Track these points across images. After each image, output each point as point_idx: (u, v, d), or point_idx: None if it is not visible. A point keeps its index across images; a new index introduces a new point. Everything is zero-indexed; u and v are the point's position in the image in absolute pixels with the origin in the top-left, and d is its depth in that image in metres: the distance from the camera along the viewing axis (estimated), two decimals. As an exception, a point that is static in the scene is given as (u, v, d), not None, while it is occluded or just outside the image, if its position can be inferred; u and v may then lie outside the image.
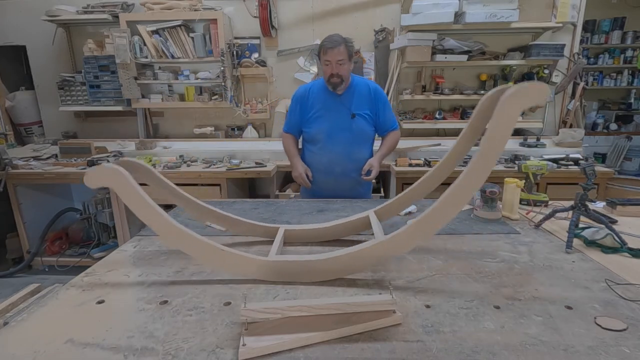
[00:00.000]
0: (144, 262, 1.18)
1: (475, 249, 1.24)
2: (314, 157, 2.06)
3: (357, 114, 1.97)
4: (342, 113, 1.97)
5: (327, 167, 2.02)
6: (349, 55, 1.86)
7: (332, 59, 1.83)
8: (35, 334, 0.81)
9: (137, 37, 3.28)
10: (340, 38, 1.85)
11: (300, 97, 2.03)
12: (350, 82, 1.97)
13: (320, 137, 2.00)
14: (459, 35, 3.19)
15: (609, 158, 4.65)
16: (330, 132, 1.98)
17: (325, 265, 1.02)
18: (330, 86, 1.92)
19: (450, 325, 0.82)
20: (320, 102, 1.99)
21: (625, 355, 0.72)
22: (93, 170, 0.98)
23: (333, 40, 1.84)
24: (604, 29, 4.72)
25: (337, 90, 1.93)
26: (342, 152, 1.99)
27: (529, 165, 1.66)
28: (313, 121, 2.00)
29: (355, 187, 2.07)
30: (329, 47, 1.83)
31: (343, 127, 1.97)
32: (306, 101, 2.01)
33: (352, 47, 1.89)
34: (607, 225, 1.25)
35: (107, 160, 3.21)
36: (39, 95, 3.81)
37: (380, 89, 2.04)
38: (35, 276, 3.25)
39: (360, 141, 2.02)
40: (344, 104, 1.97)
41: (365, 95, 1.98)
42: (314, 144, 2.04)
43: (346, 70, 1.88)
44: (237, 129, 3.69)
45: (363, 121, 1.99)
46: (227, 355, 0.73)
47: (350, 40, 1.89)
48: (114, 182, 0.97)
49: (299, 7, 3.44)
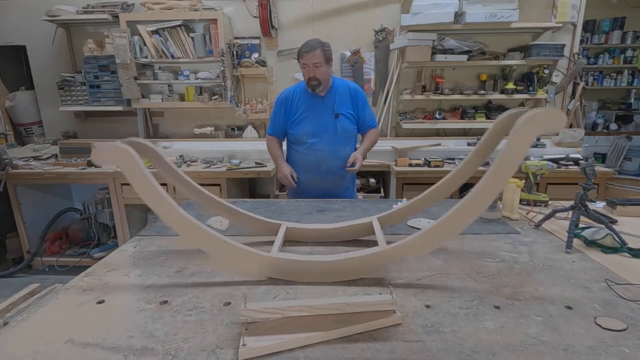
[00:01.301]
0: (144, 262, 1.18)
1: (475, 249, 1.24)
2: (300, 157, 2.13)
3: (340, 114, 2.05)
4: (325, 113, 2.05)
5: (314, 166, 2.09)
6: (326, 58, 1.94)
7: (308, 62, 1.92)
8: (35, 334, 0.81)
9: (137, 37, 3.28)
10: (316, 43, 1.93)
11: (284, 100, 2.10)
12: (331, 84, 2.05)
13: (306, 138, 2.08)
14: (459, 35, 3.19)
15: (609, 158, 4.65)
16: (316, 132, 2.05)
17: (327, 267, 1.02)
18: (310, 88, 2.00)
19: (450, 325, 0.82)
20: (304, 104, 2.06)
21: (625, 355, 0.72)
22: (101, 148, 0.96)
23: (309, 45, 1.92)
24: (604, 29, 4.72)
25: (317, 92, 2.01)
26: (328, 150, 2.06)
27: (529, 165, 1.66)
28: (298, 123, 2.08)
29: (340, 183, 2.17)
30: (305, 51, 1.92)
31: (327, 127, 2.05)
32: (290, 104, 2.08)
33: (328, 51, 1.96)
34: (607, 225, 1.25)
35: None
36: (39, 95, 3.81)
37: (359, 89, 2.14)
38: (35, 276, 3.25)
39: (344, 139, 2.10)
40: (327, 105, 2.05)
41: (346, 95, 2.07)
42: (300, 145, 2.11)
43: (323, 73, 1.95)
44: (237, 129, 3.69)
45: (346, 120, 2.07)
46: (227, 355, 0.73)
47: (327, 44, 1.97)
48: (121, 162, 0.95)
49: (299, 7, 3.44)
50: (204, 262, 1.15)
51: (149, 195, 0.97)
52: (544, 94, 3.28)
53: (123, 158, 0.95)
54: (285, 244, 1.29)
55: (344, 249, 1.22)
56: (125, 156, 0.95)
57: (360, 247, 1.22)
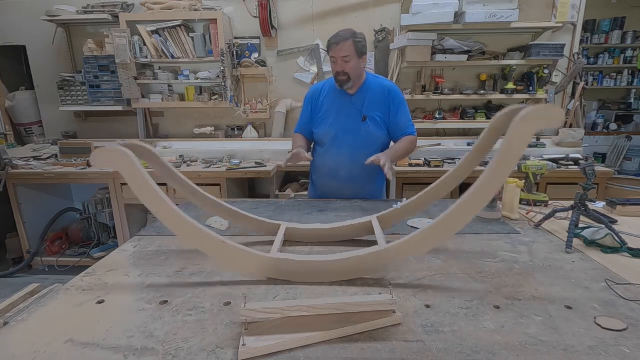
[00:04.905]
0: (144, 262, 1.18)
1: (475, 249, 1.24)
2: (319, 159, 1.96)
3: (368, 117, 1.82)
4: (352, 115, 1.83)
5: (332, 171, 1.92)
6: (358, 51, 1.71)
7: (337, 55, 1.71)
8: (35, 334, 0.81)
9: (137, 37, 3.28)
10: (348, 33, 1.71)
11: (311, 97, 1.93)
12: (364, 81, 1.83)
13: (327, 139, 1.89)
14: (459, 35, 3.19)
15: (609, 158, 4.65)
16: (337, 134, 1.85)
17: (326, 267, 1.02)
18: (338, 84, 1.80)
19: (450, 325, 0.82)
20: (330, 101, 1.87)
21: (625, 355, 0.72)
22: (100, 150, 0.96)
23: (339, 35, 1.71)
24: (603, 29, 4.71)
25: (345, 88, 1.80)
26: (348, 155, 1.85)
27: (529, 165, 1.66)
28: (321, 122, 1.89)
29: (359, 194, 1.94)
30: (334, 42, 1.71)
31: (351, 130, 1.83)
32: (317, 101, 1.90)
33: (361, 42, 1.72)
34: (607, 225, 1.25)
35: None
36: (39, 95, 3.81)
37: (396, 89, 1.87)
38: (35, 276, 3.25)
39: (368, 145, 1.84)
40: (355, 105, 1.83)
41: (379, 96, 1.83)
42: (321, 146, 1.95)
43: (353, 67, 1.73)
44: (237, 129, 3.69)
45: (374, 125, 1.83)
46: (227, 355, 0.73)
47: (360, 35, 1.73)
48: (120, 165, 0.95)
49: (299, 7, 3.44)
50: (204, 262, 1.15)
51: (148, 198, 0.97)
52: (544, 94, 3.28)
53: (122, 161, 0.95)
54: (285, 244, 1.29)
55: (344, 249, 1.22)
56: (124, 159, 0.95)
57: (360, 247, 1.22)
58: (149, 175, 0.96)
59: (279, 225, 1.31)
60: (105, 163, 0.96)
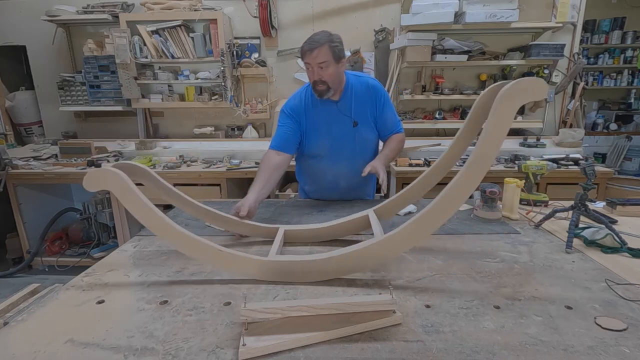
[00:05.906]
0: (144, 262, 1.18)
1: (475, 249, 1.24)
2: (316, 173, 1.85)
3: (358, 121, 1.71)
4: (342, 122, 1.70)
5: (332, 184, 1.83)
6: (335, 56, 1.54)
7: (312, 62, 1.53)
8: (35, 334, 0.81)
9: (137, 37, 3.28)
10: (323, 37, 1.52)
11: (292, 111, 1.72)
12: (345, 84, 1.67)
13: (323, 153, 1.76)
14: (459, 35, 3.19)
15: (609, 158, 4.65)
16: (332, 146, 1.74)
17: (324, 265, 1.02)
18: (317, 94, 1.62)
19: (450, 325, 0.82)
20: (315, 113, 1.70)
21: (625, 355, 0.72)
22: (92, 173, 0.99)
23: (313, 40, 1.52)
24: (603, 29, 4.71)
25: (326, 97, 1.63)
26: (347, 166, 1.76)
27: (529, 165, 1.66)
28: (312, 135, 1.73)
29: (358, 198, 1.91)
30: (307, 49, 1.53)
31: (345, 139, 1.72)
32: (301, 116, 1.72)
33: (338, 46, 1.54)
34: (607, 225, 1.25)
35: (107, 161, 3.21)
36: (39, 95, 3.81)
37: (379, 86, 1.74)
38: (35, 276, 3.25)
39: (363, 152, 1.78)
40: (343, 112, 1.69)
41: (364, 96, 1.69)
42: (316, 159, 1.81)
43: (331, 74, 1.55)
44: (237, 129, 3.69)
45: (365, 128, 1.73)
46: (227, 355, 0.73)
47: (336, 38, 1.55)
48: (113, 186, 0.98)
49: (299, 7, 3.44)
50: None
51: (142, 214, 1.00)
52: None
53: (114, 182, 0.98)
54: (285, 245, 1.29)
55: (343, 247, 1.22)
56: (115, 180, 0.98)
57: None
58: (141, 193, 0.99)
59: (277, 228, 1.31)
60: (98, 184, 0.99)
